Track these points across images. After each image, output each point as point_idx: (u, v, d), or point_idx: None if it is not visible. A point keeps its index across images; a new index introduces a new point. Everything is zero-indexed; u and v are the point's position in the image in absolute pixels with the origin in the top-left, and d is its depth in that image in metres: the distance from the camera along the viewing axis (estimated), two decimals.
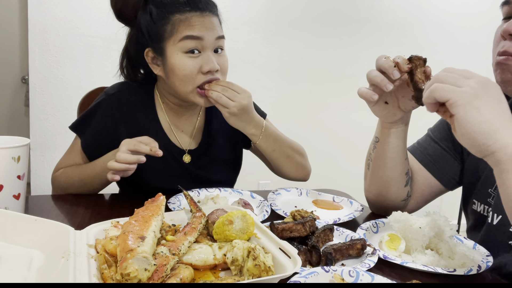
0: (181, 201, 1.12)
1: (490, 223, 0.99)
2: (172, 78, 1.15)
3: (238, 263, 0.68)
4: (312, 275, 0.69)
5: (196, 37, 1.11)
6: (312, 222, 0.88)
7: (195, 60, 1.12)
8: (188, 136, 1.30)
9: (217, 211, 0.82)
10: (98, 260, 0.67)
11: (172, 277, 0.63)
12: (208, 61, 1.13)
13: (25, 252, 0.70)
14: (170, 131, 1.28)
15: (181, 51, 1.12)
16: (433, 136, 1.17)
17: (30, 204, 1.10)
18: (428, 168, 1.14)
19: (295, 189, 1.26)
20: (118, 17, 1.22)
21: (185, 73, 1.12)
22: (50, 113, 2.64)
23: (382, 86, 0.91)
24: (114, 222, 0.78)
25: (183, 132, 1.30)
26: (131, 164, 1.04)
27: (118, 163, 1.03)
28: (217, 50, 1.17)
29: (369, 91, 0.94)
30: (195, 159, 1.29)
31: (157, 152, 1.04)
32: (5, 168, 0.90)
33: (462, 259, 0.85)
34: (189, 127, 1.31)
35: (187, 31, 1.11)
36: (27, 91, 3.07)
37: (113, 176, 1.06)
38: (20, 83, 3.29)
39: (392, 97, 0.98)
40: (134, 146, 1.04)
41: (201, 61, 1.13)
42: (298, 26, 3.10)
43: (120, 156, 1.03)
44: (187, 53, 1.12)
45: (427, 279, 0.79)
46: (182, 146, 1.29)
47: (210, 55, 1.14)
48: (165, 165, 1.25)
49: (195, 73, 1.12)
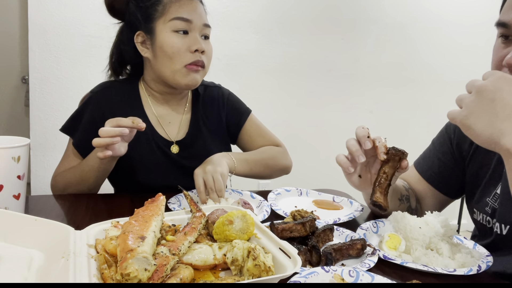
0: (181, 201, 1.12)
1: (499, 234, 0.99)
2: (161, 58, 1.20)
3: (238, 263, 0.68)
4: (312, 275, 0.69)
5: (185, 19, 1.19)
6: (312, 222, 0.88)
7: (183, 39, 1.19)
8: (176, 127, 1.33)
9: (217, 211, 0.82)
10: (98, 260, 0.67)
11: (172, 277, 0.63)
12: (196, 41, 1.20)
13: (25, 252, 0.70)
14: (157, 123, 1.31)
15: (170, 30, 1.19)
16: (437, 149, 1.18)
17: (30, 204, 1.10)
18: (435, 187, 1.17)
19: (295, 189, 1.26)
20: (110, 11, 1.27)
21: (174, 50, 1.18)
22: (50, 113, 2.65)
23: (355, 156, 0.92)
24: (114, 222, 0.78)
25: (170, 123, 1.33)
26: (114, 137, 1.03)
27: (101, 138, 1.03)
28: (203, 37, 1.24)
29: (346, 162, 0.94)
30: (183, 149, 1.32)
31: (139, 124, 1.04)
32: (5, 168, 0.90)
33: (462, 259, 0.85)
34: (176, 119, 1.34)
35: (177, 12, 1.19)
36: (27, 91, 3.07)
37: (104, 153, 1.05)
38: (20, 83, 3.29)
39: (366, 172, 0.98)
40: (116, 121, 1.05)
41: (189, 40, 1.19)
42: (298, 26, 3.10)
43: (103, 130, 1.03)
44: (176, 32, 1.19)
45: (427, 279, 0.79)
46: (170, 137, 1.32)
47: (198, 36, 1.21)
48: (153, 157, 1.28)
49: (183, 50, 1.18)
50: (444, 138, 1.17)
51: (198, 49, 1.20)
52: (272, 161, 1.38)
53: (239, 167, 1.24)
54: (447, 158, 1.15)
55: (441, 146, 1.17)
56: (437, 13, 3.39)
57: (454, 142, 1.14)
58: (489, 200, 1.02)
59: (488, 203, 1.02)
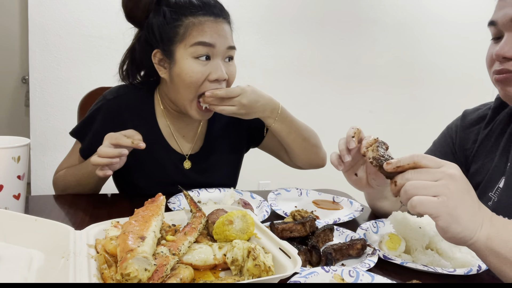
0: (181, 201, 1.12)
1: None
2: (177, 83, 1.12)
3: (238, 263, 0.68)
4: (312, 275, 0.69)
5: (208, 44, 1.08)
6: (312, 222, 0.88)
7: (204, 67, 1.09)
8: (189, 141, 1.28)
9: (217, 211, 0.82)
10: (98, 260, 0.67)
11: (172, 277, 0.63)
12: (217, 69, 1.10)
13: (25, 252, 0.70)
14: (170, 136, 1.25)
15: (191, 56, 1.09)
16: (438, 150, 1.18)
17: (30, 204, 1.10)
18: None
19: (295, 189, 1.26)
20: (128, 17, 1.18)
21: (192, 80, 1.09)
22: (51, 113, 2.65)
23: (342, 155, 0.93)
24: (114, 222, 0.78)
25: (184, 137, 1.27)
26: (113, 158, 1.02)
27: (100, 158, 1.02)
28: (227, 59, 1.15)
29: (336, 160, 0.94)
30: (196, 164, 1.26)
31: (139, 144, 1.02)
32: (5, 168, 0.90)
33: (462, 259, 0.85)
34: (190, 132, 1.28)
35: (200, 36, 1.08)
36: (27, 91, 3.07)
37: (104, 172, 1.04)
38: (20, 83, 3.29)
39: (363, 172, 0.98)
40: (116, 139, 1.02)
41: (210, 68, 1.10)
42: (298, 26, 3.10)
43: (101, 150, 1.02)
44: (197, 59, 1.09)
45: (427, 279, 0.79)
46: (183, 151, 1.26)
47: (220, 63, 1.11)
48: (165, 172, 1.24)
49: (201, 80, 1.10)
50: (446, 139, 1.17)
51: (219, 79, 1.10)
52: (314, 140, 1.29)
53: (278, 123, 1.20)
54: (449, 159, 1.15)
55: (443, 147, 1.17)
56: (437, 13, 3.39)
57: (456, 143, 1.14)
58: (492, 195, 1.02)
59: (491, 198, 1.02)
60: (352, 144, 0.90)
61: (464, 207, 0.67)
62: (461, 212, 0.67)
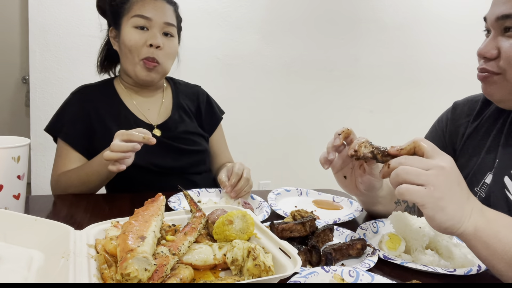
0: (181, 200, 1.12)
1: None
2: (123, 49, 1.31)
3: (238, 263, 0.68)
4: (312, 275, 0.69)
5: (145, 17, 1.29)
6: (312, 222, 0.88)
7: (142, 35, 1.29)
8: (155, 113, 1.41)
9: (217, 211, 0.82)
10: (98, 260, 0.67)
11: (172, 277, 0.63)
12: (153, 37, 1.28)
13: (25, 252, 0.70)
14: (137, 111, 1.38)
15: (131, 26, 1.29)
16: None
17: (30, 204, 1.10)
18: None
19: (295, 189, 1.26)
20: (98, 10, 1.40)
21: (132, 43, 1.28)
22: (51, 113, 2.61)
23: (327, 152, 0.92)
24: (114, 222, 0.78)
25: (149, 110, 1.40)
26: (127, 152, 1.05)
27: (113, 152, 1.04)
28: (167, 34, 1.32)
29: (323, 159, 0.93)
30: (166, 132, 1.37)
31: (150, 140, 1.05)
32: (5, 168, 0.90)
33: (462, 259, 0.85)
34: (154, 106, 1.42)
35: (139, 10, 1.29)
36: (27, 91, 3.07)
37: (118, 166, 1.06)
38: (20, 83, 3.29)
39: (351, 175, 0.97)
40: (127, 135, 1.06)
41: (147, 36, 1.29)
42: (298, 26, 3.10)
43: (115, 144, 1.04)
44: (136, 28, 1.29)
45: (427, 279, 0.79)
46: (151, 122, 1.37)
47: (156, 33, 1.29)
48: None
49: (140, 44, 1.28)
50: (437, 133, 1.17)
51: (153, 44, 1.28)
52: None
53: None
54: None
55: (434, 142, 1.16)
56: (437, 13, 3.39)
57: (447, 135, 1.14)
58: (477, 190, 1.02)
59: (477, 193, 1.02)
60: (337, 141, 0.90)
61: (451, 197, 0.69)
62: (447, 202, 0.69)
